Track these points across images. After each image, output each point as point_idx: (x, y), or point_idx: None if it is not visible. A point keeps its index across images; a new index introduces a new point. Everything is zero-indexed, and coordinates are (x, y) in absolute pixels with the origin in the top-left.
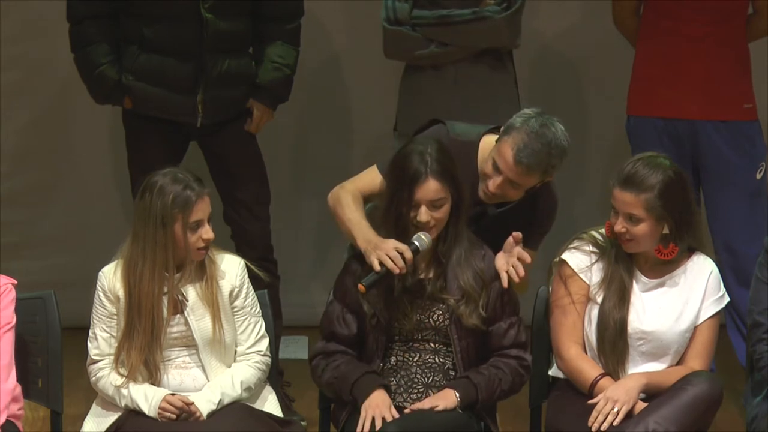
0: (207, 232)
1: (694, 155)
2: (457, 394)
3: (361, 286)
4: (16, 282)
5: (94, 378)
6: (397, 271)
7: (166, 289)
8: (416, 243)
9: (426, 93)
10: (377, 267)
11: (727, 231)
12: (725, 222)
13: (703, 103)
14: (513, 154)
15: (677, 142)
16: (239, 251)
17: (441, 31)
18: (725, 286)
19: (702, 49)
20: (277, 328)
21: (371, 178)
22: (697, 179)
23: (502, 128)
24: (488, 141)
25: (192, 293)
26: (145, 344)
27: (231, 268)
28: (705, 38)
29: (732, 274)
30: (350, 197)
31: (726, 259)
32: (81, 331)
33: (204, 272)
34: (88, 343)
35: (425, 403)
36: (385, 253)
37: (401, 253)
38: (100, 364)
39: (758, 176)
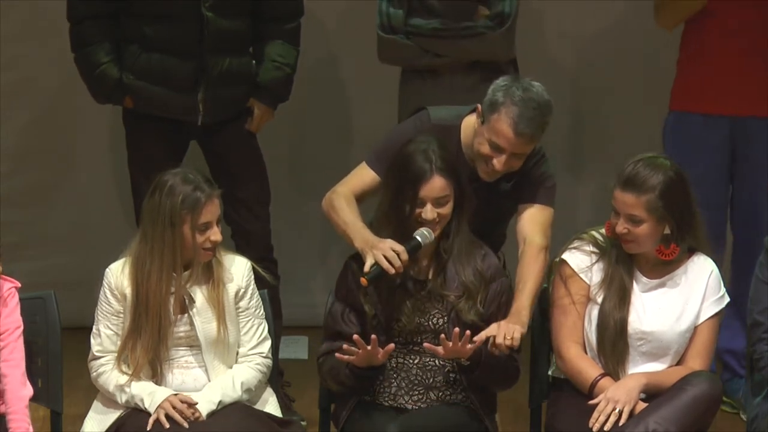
0: (215, 234)
1: (733, 151)
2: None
3: (363, 280)
4: (20, 285)
5: (95, 373)
6: (392, 271)
7: (173, 289)
8: (419, 238)
9: (425, 97)
10: (368, 267)
11: (755, 226)
12: (755, 218)
13: (745, 99)
14: (512, 129)
15: (717, 137)
16: (239, 251)
17: (435, 43)
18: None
19: (741, 46)
20: (277, 328)
21: (361, 175)
22: (728, 177)
23: (481, 107)
24: (469, 121)
25: (198, 294)
26: (151, 343)
27: (238, 269)
28: (743, 35)
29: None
30: (343, 200)
31: (749, 255)
32: (81, 331)
33: (210, 273)
34: (91, 338)
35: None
36: (382, 253)
37: (398, 254)
38: (102, 360)
39: None
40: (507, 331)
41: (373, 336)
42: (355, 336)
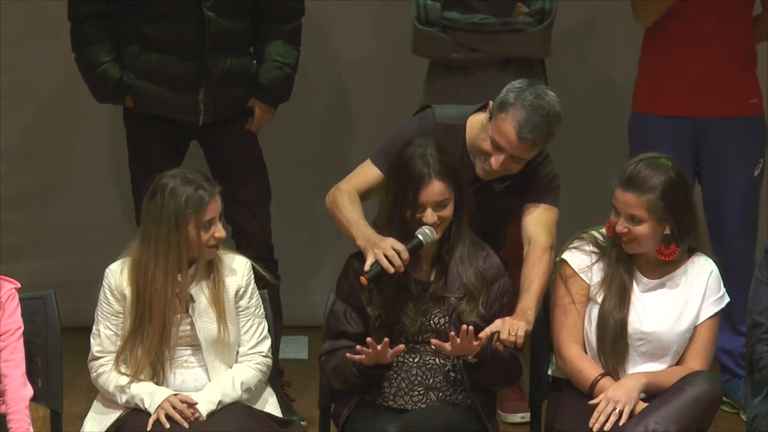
0: (219, 230)
1: (696, 151)
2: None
3: (363, 279)
4: (19, 285)
5: (94, 374)
6: (391, 270)
7: (177, 290)
8: (420, 237)
9: (452, 95)
10: (368, 266)
11: (721, 227)
12: (721, 218)
13: (710, 99)
14: (515, 131)
15: (678, 138)
16: (239, 251)
17: (473, 37)
18: None
19: (708, 47)
20: (277, 328)
21: (366, 173)
22: (693, 176)
23: (492, 105)
24: (475, 120)
25: (199, 293)
26: (154, 345)
27: (238, 268)
28: (711, 35)
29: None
30: (346, 197)
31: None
32: (81, 331)
33: (211, 272)
34: (91, 339)
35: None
36: (383, 252)
37: (399, 253)
38: (102, 361)
39: (756, 173)
40: (511, 328)
41: (386, 339)
42: (369, 339)
